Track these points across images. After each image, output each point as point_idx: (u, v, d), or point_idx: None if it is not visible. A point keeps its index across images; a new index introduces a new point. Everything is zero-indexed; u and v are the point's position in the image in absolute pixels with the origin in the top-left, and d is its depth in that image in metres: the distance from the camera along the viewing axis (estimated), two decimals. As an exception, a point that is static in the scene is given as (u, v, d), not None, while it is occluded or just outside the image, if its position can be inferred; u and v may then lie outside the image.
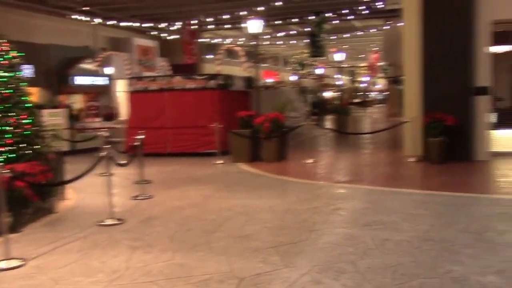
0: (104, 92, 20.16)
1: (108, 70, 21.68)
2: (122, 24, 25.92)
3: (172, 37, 30.30)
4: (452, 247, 5.17)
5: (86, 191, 8.93)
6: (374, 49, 45.19)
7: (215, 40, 34.84)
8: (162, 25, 27.88)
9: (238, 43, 31.47)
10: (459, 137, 11.00)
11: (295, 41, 38.29)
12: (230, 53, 28.24)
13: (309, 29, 28.41)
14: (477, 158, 11.10)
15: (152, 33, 29.25)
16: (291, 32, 33.63)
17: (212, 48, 33.78)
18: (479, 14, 11.13)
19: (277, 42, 39.28)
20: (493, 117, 11.74)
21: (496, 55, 12.42)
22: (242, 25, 24.12)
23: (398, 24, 22.44)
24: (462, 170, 10.24)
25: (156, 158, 13.25)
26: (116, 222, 6.68)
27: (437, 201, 7.43)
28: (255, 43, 16.92)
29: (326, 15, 27.37)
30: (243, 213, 7.00)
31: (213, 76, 14.72)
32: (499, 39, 12.21)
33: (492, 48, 11.54)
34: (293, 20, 29.06)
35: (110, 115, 18.99)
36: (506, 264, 4.61)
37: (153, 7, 24.53)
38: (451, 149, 10.95)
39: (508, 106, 14.70)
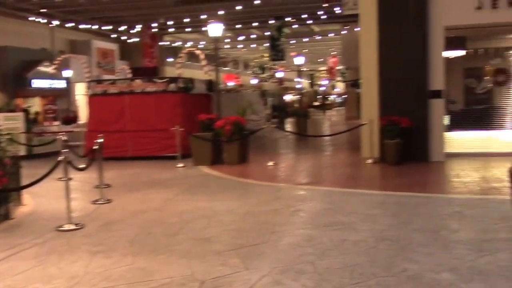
0: (62, 95, 19.84)
1: (67, 73, 21.33)
2: (81, 26, 25.54)
3: (132, 40, 30.02)
4: (408, 246, 5.32)
5: (44, 196, 8.76)
6: (333, 53, 45.81)
7: (176, 43, 34.67)
8: (122, 28, 27.60)
9: (199, 46, 31.38)
10: (415, 139, 11.31)
11: (255, 45, 38.48)
12: (191, 56, 28.12)
13: (269, 33, 28.61)
14: (433, 159, 11.42)
15: (112, 35, 28.90)
16: (251, 36, 33.78)
17: (173, 51, 33.61)
18: (433, 20, 11.47)
19: (238, 46, 39.40)
20: (447, 120, 12.11)
21: (449, 60, 12.81)
22: (203, 28, 24.09)
23: (355, 29, 22.85)
24: (418, 170, 10.52)
25: (117, 162, 13.09)
26: (75, 227, 6.59)
27: (393, 201, 7.62)
28: (215, 46, 16.94)
29: (286, 19, 27.64)
30: (205, 216, 7.02)
31: (173, 79, 14.68)
32: (451, 44, 12.61)
33: (445, 53, 11.91)
34: (253, 24, 29.22)
35: (69, 118, 18.68)
36: (459, 261, 4.77)
37: (113, 9, 24.26)
38: (408, 150, 11.24)
39: (460, 109, 15.19)
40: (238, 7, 23.78)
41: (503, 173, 8.61)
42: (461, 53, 14.20)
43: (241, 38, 34.61)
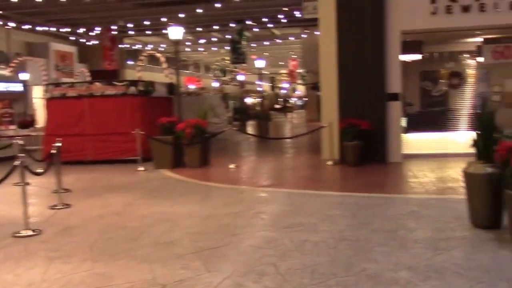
0: (19, 98, 19.37)
1: (24, 76, 20.84)
2: (38, 28, 25.00)
3: (91, 42, 29.56)
4: (367, 245, 5.42)
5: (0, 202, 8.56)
6: (293, 56, 46.19)
7: (136, 46, 34.33)
8: (81, 30, 27.16)
9: (159, 49, 31.16)
10: (373, 141, 11.52)
11: (216, 48, 38.45)
12: (152, 59, 27.88)
13: (230, 36, 28.67)
14: (391, 160, 11.66)
15: (70, 38, 28.40)
16: (212, 39, 33.77)
17: (133, 54, 33.27)
18: (390, 25, 11.71)
19: (199, 49, 39.29)
20: (404, 122, 12.38)
21: (406, 63, 13.12)
22: (164, 31, 23.93)
23: (315, 33, 23.13)
24: (377, 172, 10.72)
25: (76, 166, 12.89)
26: (32, 233, 6.45)
27: (353, 202, 7.74)
28: (176, 49, 16.86)
29: (247, 23, 27.74)
30: (166, 220, 6.98)
31: (134, 83, 14.54)
32: (408, 48, 12.92)
33: (402, 57, 12.19)
34: (214, 27, 29.22)
35: (26, 122, 18.26)
36: (416, 259, 4.90)
37: (70, 12, 23.85)
38: (367, 152, 11.45)
39: (417, 111, 15.56)
40: (199, 10, 23.74)
41: (458, 173, 8.85)
42: (417, 57, 14.55)
43: (202, 41, 34.54)
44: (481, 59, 14.47)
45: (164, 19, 23.82)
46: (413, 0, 11.64)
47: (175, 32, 16.00)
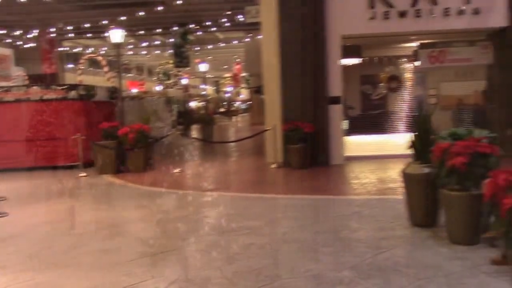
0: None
1: (-46, 80, 19.88)
2: (-30, 30, 23.96)
3: (29, 45, 28.58)
4: (311, 247, 5.50)
5: None
6: (237, 60, 46.29)
7: (77, 49, 33.46)
8: (17, 32, 26.22)
9: (100, 52, 30.50)
10: (316, 144, 11.69)
11: (159, 51, 38.01)
12: (93, 63, 27.28)
13: (173, 39, 28.40)
14: (333, 162, 11.87)
15: (6, 40, 27.36)
16: (155, 42, 33.35)
17: (73, 57, 32.40)
18: (330, 29, 11.93)
19: (142, 52, 38.71)
20: (345, 124, 12.64)
21: (347, 67, 13.40)
22: (105, 34, 23.46)
23: (258, 37, 23.28)
24: (320, 174, 10.88)
25: (14, 173, 12.45)
26: (-33, 244, 6.19)
27: (296, 205, 7.83)
28: (118, 52, 16.58)
29: (190, 26, 27.57)
30: (109, 226, 6.84)
31: (74, 86, 14.18)
32: (348, 52, 13.21)
33: (343, 61, 12.45)
34: (157, 30, 28.86)
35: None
36: (359, 259, 5.02)
37: (4, 13, 22.98)
38: (310, 155, 11.60)
39: (357, 114, 15.93)
40: (141, 13, 23.39)
41: (397, 174, 9.12)
42: (357, 61, 14.89)
43: (144, 44, 34.06)
44: (417, 63, 14.98)
45: (104, 22, 23.34)
46: (352, 6, 11.92)
47: (116, 35, 15.74)
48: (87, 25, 25.38)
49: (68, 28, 26.54)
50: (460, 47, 14.32)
